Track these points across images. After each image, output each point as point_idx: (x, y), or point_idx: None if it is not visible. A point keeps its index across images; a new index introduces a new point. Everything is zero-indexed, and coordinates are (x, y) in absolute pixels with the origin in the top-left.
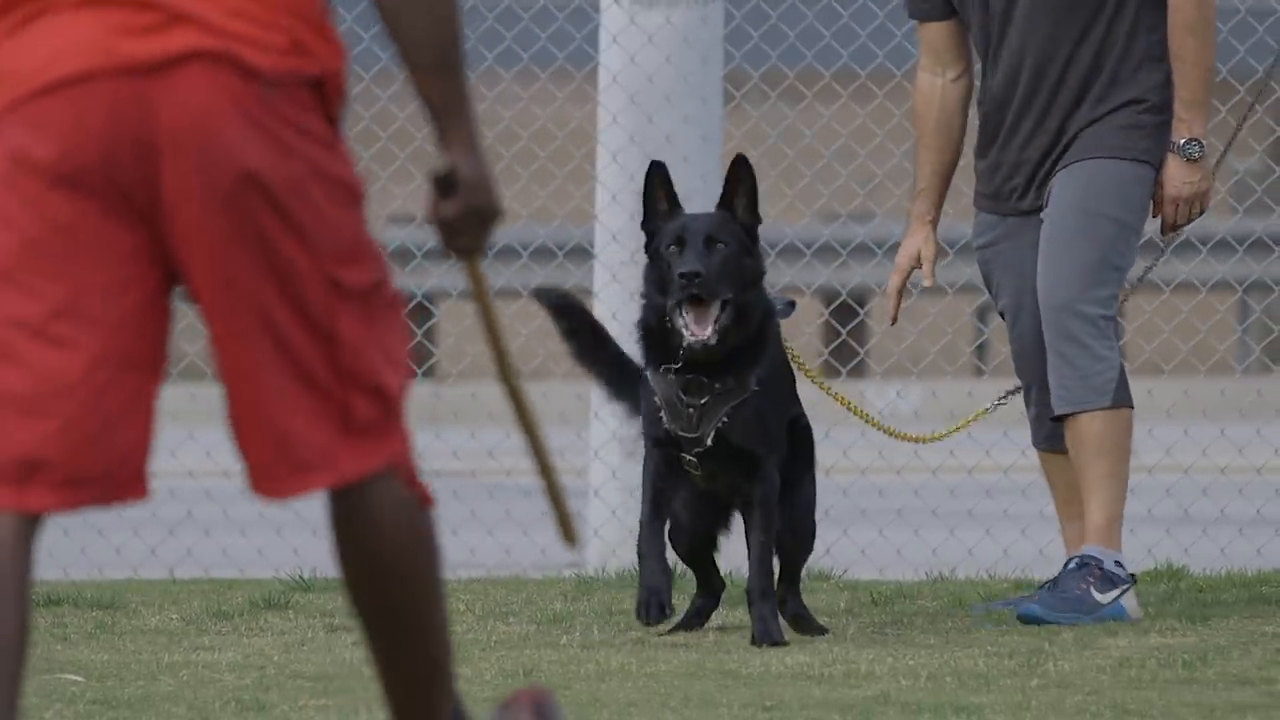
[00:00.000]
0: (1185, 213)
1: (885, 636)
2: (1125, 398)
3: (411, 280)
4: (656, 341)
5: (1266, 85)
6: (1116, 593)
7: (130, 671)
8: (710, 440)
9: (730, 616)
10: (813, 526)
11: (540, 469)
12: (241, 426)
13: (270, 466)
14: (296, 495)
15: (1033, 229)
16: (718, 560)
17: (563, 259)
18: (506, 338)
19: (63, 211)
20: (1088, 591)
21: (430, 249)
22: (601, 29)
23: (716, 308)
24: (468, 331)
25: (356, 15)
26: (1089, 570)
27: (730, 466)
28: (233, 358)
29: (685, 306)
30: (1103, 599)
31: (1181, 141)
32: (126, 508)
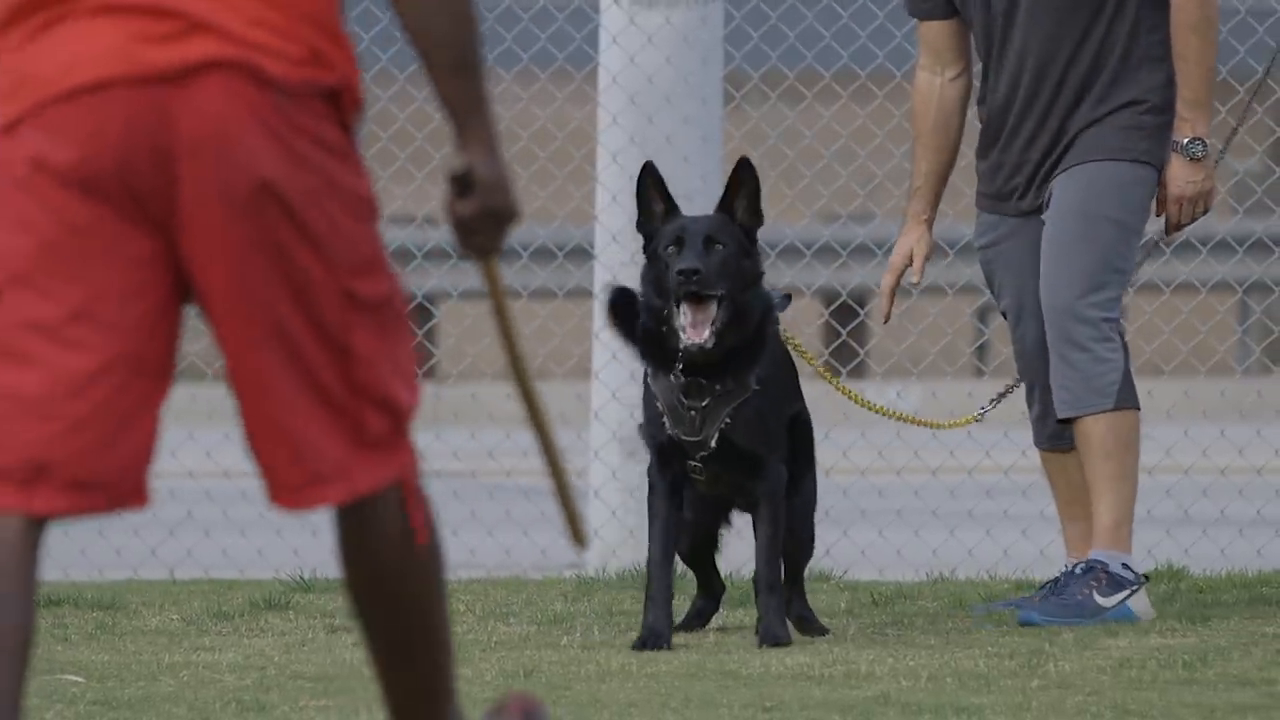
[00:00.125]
0: (1189, 212)
1: (885, 637)
2: (1129, 399)
3: (412, 280)
4: (655, 345)
5: (1265, 85)
6: (1123, 595)
7: (131, 672)
8: (714, 443)
9: (730, 617)
10: (812, 528)
11: (551, 470)
12: (256, 437)
13: (286, 478)
14: (313, 507)
15: (1034, 229)
16: (719, 561)
17: (563, 259)
18: (521, 339)
19: (80, 216)
20: (1090, 596)
21: (430, 249)
22: (601, 29)
23: (714, 308)
24: (468, 332)
25: (356, 16)
26: (1093, 575)
27: (734, 467)
28: (246, 368)
29: (683, 305)
30: (1106, 602)
31: (1185, 141)
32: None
